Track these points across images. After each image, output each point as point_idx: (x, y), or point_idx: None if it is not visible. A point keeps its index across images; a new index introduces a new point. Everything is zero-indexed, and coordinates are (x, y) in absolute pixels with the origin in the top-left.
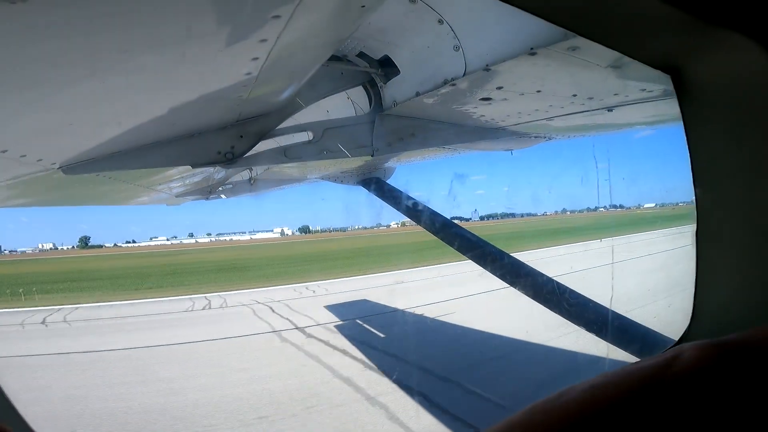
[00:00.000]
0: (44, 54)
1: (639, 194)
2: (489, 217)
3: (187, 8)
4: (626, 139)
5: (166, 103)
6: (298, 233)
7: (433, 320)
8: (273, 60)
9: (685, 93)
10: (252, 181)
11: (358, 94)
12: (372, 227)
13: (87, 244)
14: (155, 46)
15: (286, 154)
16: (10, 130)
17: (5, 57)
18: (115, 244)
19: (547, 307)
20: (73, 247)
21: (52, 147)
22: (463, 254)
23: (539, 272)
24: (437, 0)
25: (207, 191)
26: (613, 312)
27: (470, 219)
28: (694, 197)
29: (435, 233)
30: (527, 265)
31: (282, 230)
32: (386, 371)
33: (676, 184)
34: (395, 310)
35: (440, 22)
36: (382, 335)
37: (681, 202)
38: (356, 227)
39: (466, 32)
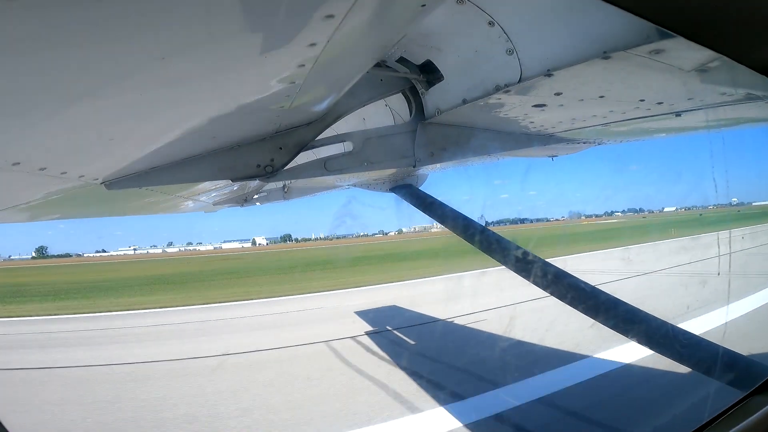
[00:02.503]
0: (84, 71)
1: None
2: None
3: (232, 14)
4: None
5: (209, 116)
6: (272, 243)
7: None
8: (319, 67)
9: None
10: (286, 189)
11: (397, 101)
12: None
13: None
14: (199, 58)
15: (326, 166)
16: (50, 147)
17: (44, 78)
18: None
19: (603, 323)
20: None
21: (94, 163)
22: (501, 262)
23: (582, 281)
24: (487, 0)
25: (242, 199)
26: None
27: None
28: None
29: (471, 241)
30: (570, 274)
31: (254, 240)
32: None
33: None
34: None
35: (491, 24)
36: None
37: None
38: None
39: (521, 34)
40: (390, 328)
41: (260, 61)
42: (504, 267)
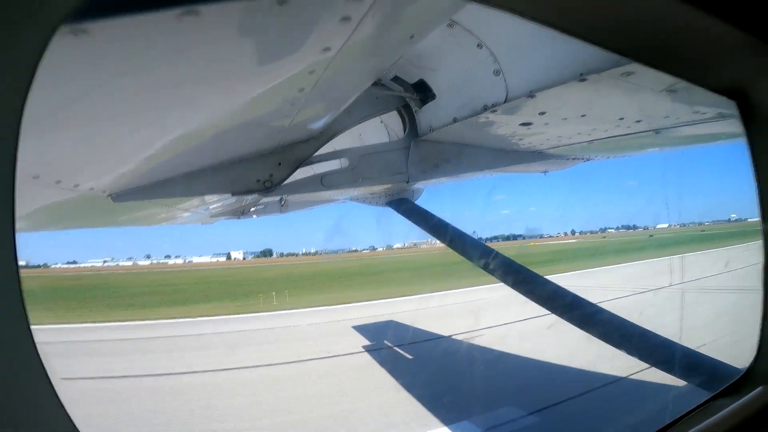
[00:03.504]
0: (93, 90)
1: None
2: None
3: (238, 41)
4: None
5: (214, 132)
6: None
7: None
8: (318, 89)
9: (751, 118)
10: (283, 202)
11: (392, 118)
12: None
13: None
14: (204, 77)
15: (323, 182)
16: (65, 162)
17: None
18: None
19: (589, 332)
20: None
21: (104, 177)
22: (496, 277)
23: (574, 294)
24: (476, 24)
25: (239, 212)
26: (665, 339)
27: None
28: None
29: (465, 255)
30: (561, 287)
31: (229, 254)
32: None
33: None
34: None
35: (479, 46)
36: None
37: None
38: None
39: (507, 57)
40: (389, 344)
41: (265, 84)
42: (497, 280)
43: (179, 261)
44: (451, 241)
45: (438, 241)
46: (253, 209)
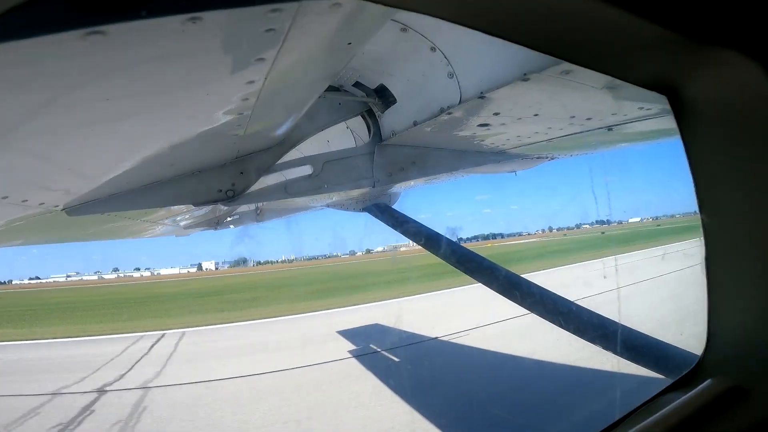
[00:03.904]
0: (42, 104)
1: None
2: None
3: (175, 52)
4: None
5: (164, 144)
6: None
7: None
8: (264, 98)
9: (682, 112)
10: (258, 212)
11: (358, 123)
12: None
13: None
14: (148, 90)
15: (286, 190)
16: (10, 176)
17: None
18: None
19: (559, 325)
20: None
21: (54, 191)
22: (474, 278)
23: (550, 291)
24: (429, 28)
25: (215, 222)
26: (624, 326)
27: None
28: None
29: (444, 258)
30: (537, 284)
31: (200, 265)
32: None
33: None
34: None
35: (432, 49)
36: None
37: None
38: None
39: (459, 59)
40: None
41: (207, 95)
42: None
43: (147, 273)
44: (427, 243)
45: (416, 245)
46: (228, 219)
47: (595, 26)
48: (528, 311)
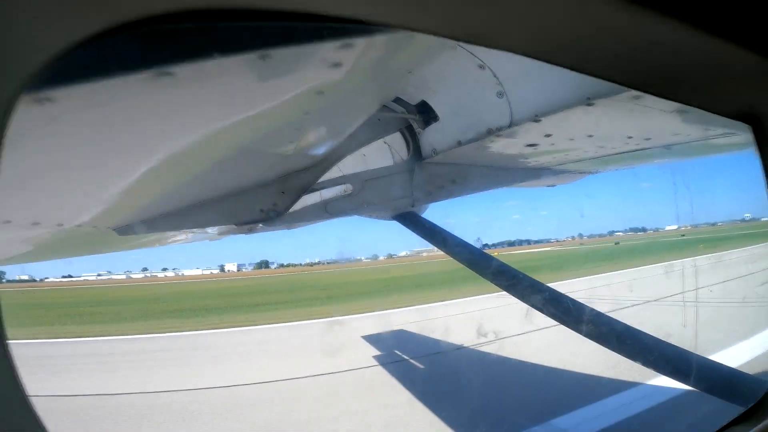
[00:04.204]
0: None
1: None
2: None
3: (240, 89)
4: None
5: (213, 164)
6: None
7: None
8: (322, 113)
9: (766, 142)
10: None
11: (395, 139)
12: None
13: None
14: (206, 125)
15: (327, 209)
16: (65, 206)
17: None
18: None
19: (604, 345)
20: None
21: (106, 215)
22: (503, 289)
23: (587, 306)
24: (478, 46)
25: (247, 229)
26: (681, 350)
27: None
28: None
29: (476, 269)
30: (571, 298)
31: (222, 266)
32: None
33: None
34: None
35: (481, 67)
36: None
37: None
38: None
39: (510, 79)
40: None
41: (261, 125)
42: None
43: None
44: (457, 253)
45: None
46: (260, 224)
47: (681, 55)
48: (585, 337)
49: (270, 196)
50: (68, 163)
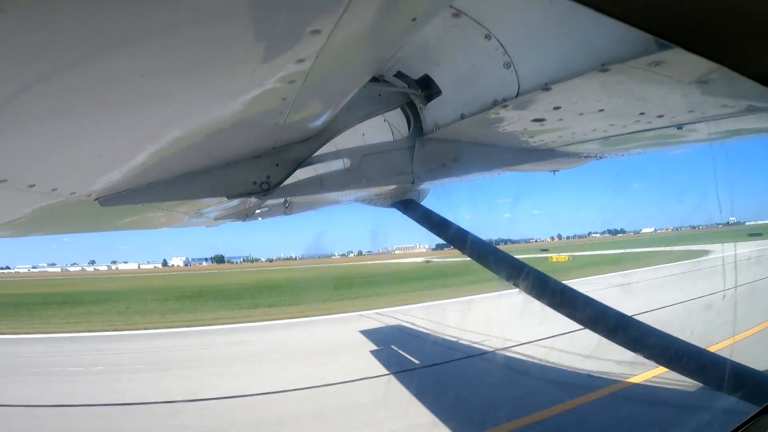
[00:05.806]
0: (73, 86)
1: None
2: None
3: (219, 30)
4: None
5: (202, 132)
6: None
7: None
8: (311, 82)
9: None
10: (287, 204)
11: (396, 115)
12: None
13: None
14: (187, 73)
15: (322, 184)
16: (38, 164)
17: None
18: None
19: (607, 338)
20: None
21: (85, 180)
22: (506, 279)
23: (587, 296)
24: (485, 14)
25: (244, 214)
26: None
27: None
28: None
29: (473, 256)
30: (574, 289)
31: (164, 261)
32: None
33: None
34: None
35: (487, 37)
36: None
37: None
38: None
39: (518, 48)
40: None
41: (249, 77)
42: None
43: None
44: (456, 241)
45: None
46: (258, 211)
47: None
48: (574, 321)
49: (264, 168)
50: (36, 107)
